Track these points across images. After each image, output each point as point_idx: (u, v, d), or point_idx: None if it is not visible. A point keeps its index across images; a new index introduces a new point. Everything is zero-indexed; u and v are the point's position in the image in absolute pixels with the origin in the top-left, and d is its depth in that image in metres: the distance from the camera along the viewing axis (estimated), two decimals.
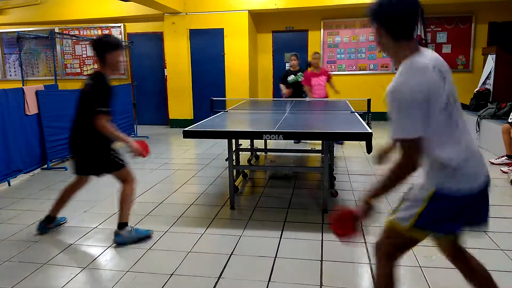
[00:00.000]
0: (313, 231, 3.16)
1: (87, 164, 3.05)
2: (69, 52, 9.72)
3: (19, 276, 2.55)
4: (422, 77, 1.48)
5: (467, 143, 1.59)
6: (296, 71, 6.77)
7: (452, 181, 1.56)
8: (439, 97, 1.49)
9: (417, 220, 1.64)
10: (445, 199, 1.59)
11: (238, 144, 4.71)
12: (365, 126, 3.50)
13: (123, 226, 3.01)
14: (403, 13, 1.59)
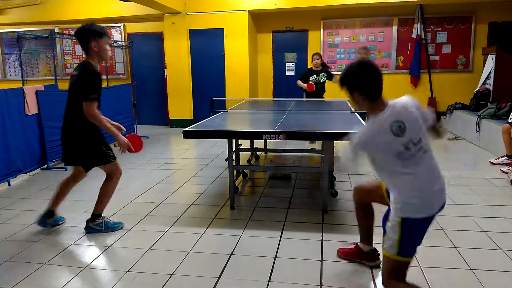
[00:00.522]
0: (313, 231, 3.16)
1: (75, 155, 3.03)
2: (69, 52, 9.72)
3: (19, 276, 2.55)
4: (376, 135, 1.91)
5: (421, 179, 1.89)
6: (319, 71, 6.46)
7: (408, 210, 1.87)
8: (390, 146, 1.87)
9: (399, 249, 1.90)
10: (410, 225, 1.88)
11: (238, 144, 4.71)
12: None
13: (95, 218, 3.12)
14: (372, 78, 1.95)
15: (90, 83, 2.76)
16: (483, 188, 4.13)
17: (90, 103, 2.74)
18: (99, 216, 3.17)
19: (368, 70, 1.93)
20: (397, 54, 8.85)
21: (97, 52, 2.86)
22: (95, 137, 2.96)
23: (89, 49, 2.83)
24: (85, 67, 2.82)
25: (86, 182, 4.63)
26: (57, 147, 5.38)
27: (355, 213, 2.69)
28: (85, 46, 2.84)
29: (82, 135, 2.93)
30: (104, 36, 2.87)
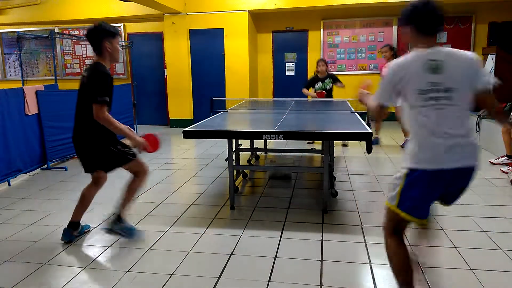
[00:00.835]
0: (313, 231, 3.16)
1: (93, 160, 2.88)
2: (69, 52, 9.73)
3: (19, 276, 2.55)
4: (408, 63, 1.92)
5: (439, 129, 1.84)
6: (324, 77, 6.28)
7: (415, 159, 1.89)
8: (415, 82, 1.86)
9: (399, 200, 1.93)
10: (414, 177, 1.88)
11: (238, 144, 4.71)
12: (365, 126, 3.50)
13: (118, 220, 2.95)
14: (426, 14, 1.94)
15: (100, 85, 2.65)
16: (483, 188, 4.13)
17: (100, 105, 2.63)
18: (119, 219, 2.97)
19: (427, 6, 1.92)
20: (397, 54, 8.84)
21: (110, 52, 2.76)
22: (108, 138, 2.83)
23: (102, 49, 2.74)
24: (96, 68, 2.71)
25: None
26: (57, 147, 5.39)
27: None
28: (98, 47, 2.74)
29: (95, 137, 2.79)
30: (116, 36, 2.78)
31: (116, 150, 2.83)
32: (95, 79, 2.67)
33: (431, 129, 1.85)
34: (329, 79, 6.32)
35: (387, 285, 2.38)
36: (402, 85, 1.90)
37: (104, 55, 2.76)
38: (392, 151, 6.06)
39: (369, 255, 2.74)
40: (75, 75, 9.75)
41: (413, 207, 1.92)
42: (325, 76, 6.32)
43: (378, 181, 4.52)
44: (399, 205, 1.93)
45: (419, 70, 1.86)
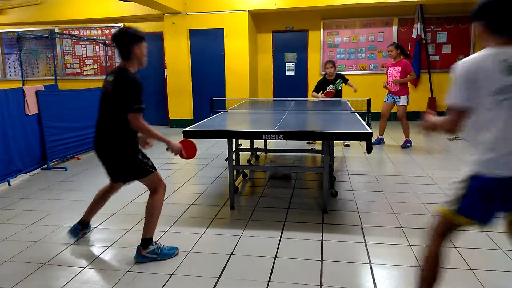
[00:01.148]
0: (313, 231, 3.16)
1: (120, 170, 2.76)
2: (69, 52, 9.73)
3: (19, 276, 2.55)
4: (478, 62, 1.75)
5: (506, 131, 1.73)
6: (334, 79, 6.22)
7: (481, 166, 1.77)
8: (487, 83, 1.72)
9: (459, 205, 1.84)
10: (478, 183, 1.78)
11: (238, 144, 4.71)
12: (365, 126, 3.50)
13: (147, 244, 2.72)
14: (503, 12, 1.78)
15: (134, 93, 2.54)
16: None
17: (136, 114, 2.53)
18: (150, 241, 2.75)
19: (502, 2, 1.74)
20: None
21: (138, 57, 2.66)
22: (132, 147, 2.70)
23: (130, 54, 2.62)
24: (126, 75, 2.59)
25: (86, 182, 4.64)
26: (57, 147, 5.39)
27: None
28: (126, 51, 2.62)
29: (122, 147, 2.66)
30: (144, 40, 2.69)
31: (137, 159, 2.71)
32: (128, 87, 2.56)
33: (505, 134, 1.74)
34: (340, 80, 6.29)
35: (387, 285, 2.38)
36: (476, 86, 1.75)
37: (132, 60, 2.65)
38: (392, 151, 6.06)
39: (369, 255, 2.74)
40: (75, 75, 9.75)
41: (474, 212, 1.85)
42: (335, 78, 6.27)
43: (378, 181, 4.52)
44: (459, 210, 1.85)
45: (494, 71, 1.72)
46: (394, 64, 6.14)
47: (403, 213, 3.50)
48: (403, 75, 6.04)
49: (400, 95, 6.17)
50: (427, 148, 6.24)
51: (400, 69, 6.04)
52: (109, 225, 3.36)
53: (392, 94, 6.30)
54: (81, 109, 5.86)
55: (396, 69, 6.07)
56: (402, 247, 2.85)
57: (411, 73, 6.05)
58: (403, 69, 6.03)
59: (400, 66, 6.05)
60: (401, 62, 6.08)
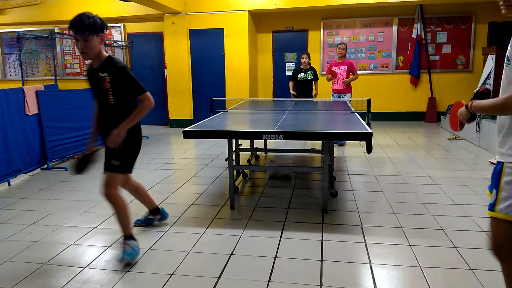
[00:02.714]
0: (313, 231, 3.16)
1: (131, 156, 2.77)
2: (69, 52, 9.73)
3: (19, 276, 2.55)
4: None
5: None
6: (307, 69, 6.70)
7: None
8: None
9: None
10: None
11: (238, 144, 4.71)
12: (365, 126, 3.50)
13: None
14: None
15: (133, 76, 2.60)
16: (483, 188, 4.13)
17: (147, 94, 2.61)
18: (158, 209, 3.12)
19: None
20: (397, 54, 8.86)
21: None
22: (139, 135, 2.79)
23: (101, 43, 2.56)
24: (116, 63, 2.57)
25: (86, 182, 4.64)
26: (57, 147, 5.39)
27: None
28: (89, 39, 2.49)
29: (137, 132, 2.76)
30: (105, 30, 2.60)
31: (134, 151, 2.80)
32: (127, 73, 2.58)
33: None
34: (311, 71, 6.68)
35: (387, 285, 2.38)
36: None
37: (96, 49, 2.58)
38: (392, 151, 6.06)
39: (369, 255, 2.74)
40: (75, 75, 9.75)
41: None
42: (308, 68, 6.68)
43: (378, 181, 4.52)
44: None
45: None
46: (339, 64, 6.43)
47: (403, 213, 3.50)
48: (348, 73, 6.39)
49: (345, 92, 6.46)
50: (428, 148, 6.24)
51: (346, 68, 6.37)
52: (109, 225, 3.36)
53: (336, 93, 6.53)
54: (81, 109, 5.86)
55: (342, 68, 6.39)
56: (402, 247, 2.85)
57: (355, 73, 6.45)
58: (349, 68, 6.38)
59: (346, 66, 6.39)
60: (346, 62, 6.44)
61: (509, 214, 1.62)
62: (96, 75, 2.61)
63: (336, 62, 6.51)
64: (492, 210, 1.70)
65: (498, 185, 1.68)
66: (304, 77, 6.66)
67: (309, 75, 6.67)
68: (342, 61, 6.44)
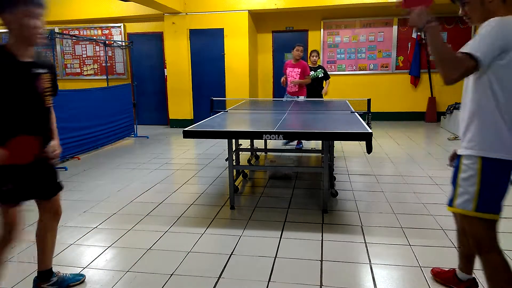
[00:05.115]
0: (313, 231, 3.16)
1: None
2: (69, 52, 9.72)
3: (19, 276, 2.55)
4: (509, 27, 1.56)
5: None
6: (316, 67, 6.54)
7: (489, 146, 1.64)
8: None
9: (478, 201, 1.69)
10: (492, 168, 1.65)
11: (238, 144, 4.71)
12: (365, 126, 3.50)
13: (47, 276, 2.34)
14: None
15: None
16: None
17: None
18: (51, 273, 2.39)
19: None
20: (397, 54, 8.86)
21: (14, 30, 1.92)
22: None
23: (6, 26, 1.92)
24: None
25: (86, 182, 4.64)
26: None
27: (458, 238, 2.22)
28: None
29: None
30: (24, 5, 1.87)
31: None
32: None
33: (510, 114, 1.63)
34: (321, 69, 6.53)
35: (387, 285, 2.38)
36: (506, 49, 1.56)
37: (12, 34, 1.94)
38: (392, 151, 6.06)
39: (369, 255, 2.74)
40: (75, 75, 9.74)
41: (496, 204, 1.71)
42: (317, 67, 6.55)
43: (378, 181, 4.52)
44: (479, 208, 1.70)
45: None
46: (294, 65, 6.26)
47: (403, 213, 3.50)
48: (302, 76, 6.22)
49: (298, 95, 6.31)
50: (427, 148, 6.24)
51: (300, 71, 6.20)
52: (109, 225, 3.36)
53: (290, 95, 6.39)
54: (81, 109, 5.86)
55: (296, 70, 6.22)
56: (402, 247, 2.85)
57: (308, 77, 6.23)
58: (302, 71, 6.19)
59: (300, 68, 6.21)
60: (300, 64, 6.24)
61: (466, 209, 1.72)
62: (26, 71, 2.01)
63: (291, 63, 6.32)
64: (451, 205, 1.82)
65: (455, 181, 1.79)
66: (314, 75, 6.46)
67: (319, 73, 6.51)
68: (298, 63, 6.27)
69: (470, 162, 1.70)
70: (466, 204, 1.72)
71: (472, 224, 1.77)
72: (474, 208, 1.70)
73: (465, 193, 1.72)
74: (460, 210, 1.76)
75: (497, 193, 1.69)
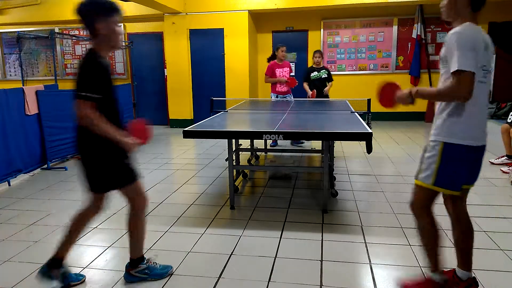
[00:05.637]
0: (313, 231, 3.16)
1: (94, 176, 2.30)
2: (69, 52, 9.73)
3: (19, 276, 2.55)
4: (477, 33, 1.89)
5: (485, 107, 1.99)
6: (320, 68, 6.52)
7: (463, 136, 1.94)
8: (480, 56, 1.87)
9: (436, 177, 2.01)
10: (452, 151, 1.97)
11: (238, 144, 4.71)
12: (365, 126, 3.50)
13: (137, 263, 2.44)
14: None
15: (89, 78, 2.12)
16: (483, 188, 4.13)
17: (81, 102, 2.09)
18: (141, 260, 2.46)
19: None
20: (397, 54, 8.85)
21: (105, 36, 2.17)
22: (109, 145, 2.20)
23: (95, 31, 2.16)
24: (88, 57, 2.18)
25: None
26: (57, 147, 5.39)
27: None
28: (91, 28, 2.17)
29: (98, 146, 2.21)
30: (113, 14, 2.17)
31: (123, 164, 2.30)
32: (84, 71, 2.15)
33: (481, 107, 1.94)
34: (325, 70, 6.53)
35: (387, 285, 2.38)
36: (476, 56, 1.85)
37: (98, 39, 2.18)
38: (392, 151, 6.06)
39: (369, 255, 2.74)
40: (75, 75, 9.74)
41: (451, 182, 2.01)
42: (321, 67, 6.54)
43: (378, 181, 4.52)
44: (436, 183, 2.02)
45: (481, 45, 1.88)
46: (281, 65, 6.37)
47: (403, 213, 3.50)
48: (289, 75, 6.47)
49: (288, 94, 6.45)
50: None
51: (289, 70, 6.42)
52: (109, 225, 3.36)
53: (282, 95, 6.43)
54: None
55: (285, 69, 6.39)
56: (402, 247, 2.85)
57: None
58: (290, 69, 6.47)
59: (288, 67, 6.43)
60: (286, 64, 6.44)
61: (425, 182, 2.06)
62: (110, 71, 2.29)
63: (277, 64, 6.34)
64: (416, 178, 2.13)
65: (422, 158, 2.12)
66: (318, 75, 6.46)
67: (322, 74, 6.47)
68: (283, 63, 6.37)
69: (435, 144, 2.02)
70: (426, 179, 2.05)
71: (420, 193, 2.11)
72: (432, 182, 2.03)
73: (427, 169, 2.05)
74: (421, 182, 2.09)
75: (453, 172, 2.00)
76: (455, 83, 1.83)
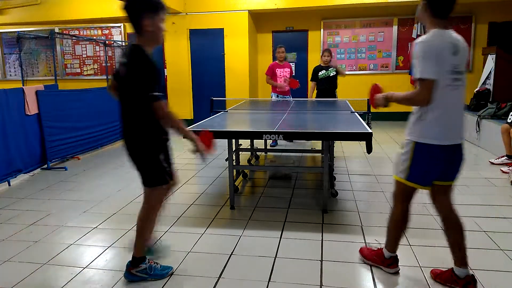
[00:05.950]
0: (313, 231, 3.16)
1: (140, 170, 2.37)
2: (69, 52, 9.73)
3: (19, 276, 2.55)
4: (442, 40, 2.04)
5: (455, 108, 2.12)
6: (327, 66, 6.38)
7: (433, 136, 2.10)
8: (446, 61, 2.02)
9: (409, 173, 2.21)
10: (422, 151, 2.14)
11: (238, 144, 4.71)
12: (365, 126, 3.50)
13: (138, 262, 2.45)
14: None
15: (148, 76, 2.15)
16: (483, 188, 4.13)
17: (159, 102, 2.14)
18: (143, 260, 2.46)
19: None
20: (397, 54, 8.86)
21: (150, 32, 2.22)
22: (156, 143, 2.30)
23: (141, 28, 2.21)
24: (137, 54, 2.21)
25: (86, 182, 4.64)
26: (57, 147, 5.39)
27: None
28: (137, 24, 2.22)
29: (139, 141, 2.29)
30: (160, 11, 2.22)
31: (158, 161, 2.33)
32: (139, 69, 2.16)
33: (450, 109, 2.08)
34: (333, 68, 6.40)
35: (387, 285, 2.38)
36: (440, 63, 2.01)
37: (144, 35, 2.23)
38: (392, 151, 6.06)
39: None
40: (75, 75, 9.75)
41: (421, 178, 2.20)
42: (329, 66, 6.42)
43: (378, 181, 4.52)
44: (409, 178, 2.21)
45: (447, 51, 2.02)
46: (281, 66, 6.38)
47: None
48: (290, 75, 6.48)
49: (288, 94, 6.47)
50: None
51: (289, 70, 6.43)
52: (109, 225, 3.36)
53: (282, 95, 6.43)
54: (81, 109, 5.86)
55: (286, 70, 6.41)
56: (402, 247, 2.85)
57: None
58: (291, 70, 6.48)
59: (288, 68, 6.46)
60: (286, 64, 6.48)
61: (400, 177, 2.27)
62: None
63: (278, 64, 6.33)
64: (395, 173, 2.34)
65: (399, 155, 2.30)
66: (326, 74, 6.32)
67: (330, 72, 6.34)
68: (284, 63, 6.37)
69: (408, 142, 2.21)
70: (401, 174, 2.26)
71: (398, 186, 2.32)
72: (405, 177, 2.24)
73: (402, 165, 2.25)
74: (397, 177, 2.31)
75: (423, 169, 2.18)
76: (418, 90, 2.06)
